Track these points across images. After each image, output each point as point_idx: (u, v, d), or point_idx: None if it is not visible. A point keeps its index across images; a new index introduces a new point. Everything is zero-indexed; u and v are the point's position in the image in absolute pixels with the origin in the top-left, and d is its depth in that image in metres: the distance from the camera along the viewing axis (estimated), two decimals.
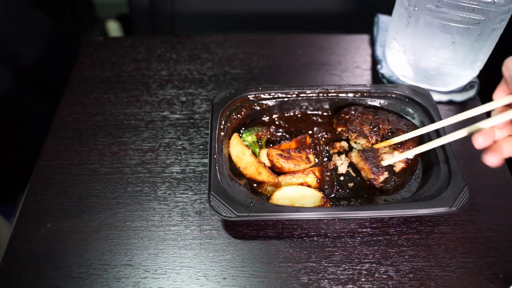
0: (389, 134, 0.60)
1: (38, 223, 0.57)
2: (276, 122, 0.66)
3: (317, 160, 0.62)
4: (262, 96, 0.64)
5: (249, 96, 0.64)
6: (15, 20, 0.89)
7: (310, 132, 0.65)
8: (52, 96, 0.96)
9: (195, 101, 0.73)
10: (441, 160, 0.57)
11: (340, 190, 0.59)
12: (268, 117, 0.66)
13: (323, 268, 0.53)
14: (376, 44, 0.79)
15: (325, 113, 0.66)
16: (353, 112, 0.62)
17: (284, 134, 0.64)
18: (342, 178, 0.60)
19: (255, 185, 0.58)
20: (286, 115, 0.66)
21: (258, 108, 0.65)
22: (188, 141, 0.67)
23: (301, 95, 0.65)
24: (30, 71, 0.92)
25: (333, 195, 0.59)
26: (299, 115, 0.66)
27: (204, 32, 1.17)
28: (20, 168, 0.89)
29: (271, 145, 0.63)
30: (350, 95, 0.65)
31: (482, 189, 0.60)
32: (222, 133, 0.60)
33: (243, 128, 0.64)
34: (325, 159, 0.63)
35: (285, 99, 0.65)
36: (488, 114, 0.48)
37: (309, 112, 0.66)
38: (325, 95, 0.65)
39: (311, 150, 0.62)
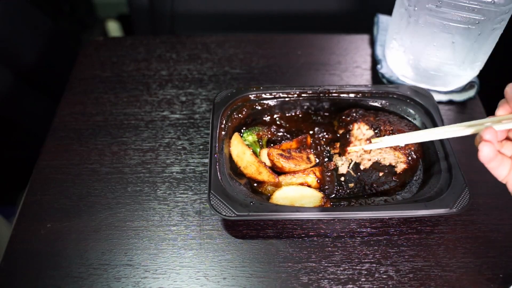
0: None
1: (38, 223, 0.57)
2: (277, 122, 0.66)
3: (317, 160, 0.62)
4: (263, 95, 0.64)
5: (250, 96, 0.64)
6: (15, 20, 0.89)
7: (311, 132, 0.65)
8: (52, 96, 0.96)
9: (195, 101, 0.73)
10: (442, 161, 0.57)
11: (340, 191, 0.59)
12: (269, 117, 0.66)
13: (323, 268, 0.53)
14: (376, 44, 0.79)
15: (326, 113, 0.66)
16: (354, 114, 0.62)
17: (285, 134, 0.64)
18: (342, 178, 0.60)
19: (255, 184, 0.58)
20: (287, 115, 0.66)
21: (259, 107, 0.65)
22: (188, 141, 0.67)
23: (302, 95, 0.65)
24: (30, 71, 0.92)
25: (333, 195, 0.59)
26: (300, 115, 0.66)
27: (204, 32, 1.17)
28: (20, 168, 0.89)
29: (271, 144, 0.63)
30: (351, 95, 0.65)
31: (482, 189, 0.60)
32: (223, 133, 0.60)
33: (244, 128, 0.64)
34: (326, 159, 0.63)
35: (286, 99, 0.65)
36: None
37: (310, 112, 0.66)
38: (326, 95, 0.65)
39: (311, 150, 0.62)
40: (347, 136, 0.61)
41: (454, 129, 0.49)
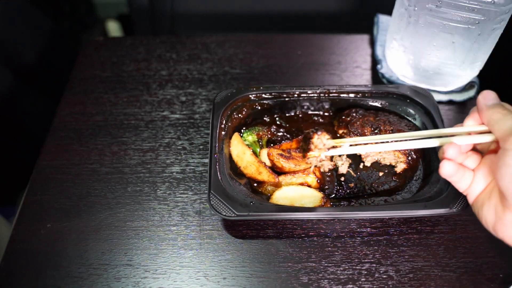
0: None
1: (38, 223, 0.57)
2: (277, 122, 0.66)
3: None
4: (263, 95, 0.64)
5: (250, 96, 0.64)
6: (15, 20, 0.89)
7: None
8: (52, 96, 0.96)
9: (195, 101, 0.73)
10: None
11: (340, 191, 0.59)
12: (269, 117, 0.66)
13: (323, 268, 0.53)
14: (376, 44, 0.79)
15: (326, 113, 0.66)
16: (354, 114, 0.62)
17: (285, 134, 0.64)
18: (342, 178, 0.60)
19: (255, 184, 0.58)
20: (287, 115, 0.66)
21: (259, 107, 0.65)
22: (188, 141, 0.67)
23: (302, 95, 0.65)
24: (30, 71, 0.93)
25: (333, 195, 0.59)
26: (300, 115, 0.66)
27: (204, 32, 1.17)
28: (20, 168, 0.89)
29: (271, 144, 0.63)
30: (351, 95, 0.65)
31: None
32: (223, 133, 0.60)
33: (244, 128, 0.64)
34: None
35: (286, 99, 0.65)
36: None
37: (310, 112, 0.66)
38: (326, 95, 0.65)
39: None
40: (307, 143, 0.60)
41: (421, 141, 0.48)
